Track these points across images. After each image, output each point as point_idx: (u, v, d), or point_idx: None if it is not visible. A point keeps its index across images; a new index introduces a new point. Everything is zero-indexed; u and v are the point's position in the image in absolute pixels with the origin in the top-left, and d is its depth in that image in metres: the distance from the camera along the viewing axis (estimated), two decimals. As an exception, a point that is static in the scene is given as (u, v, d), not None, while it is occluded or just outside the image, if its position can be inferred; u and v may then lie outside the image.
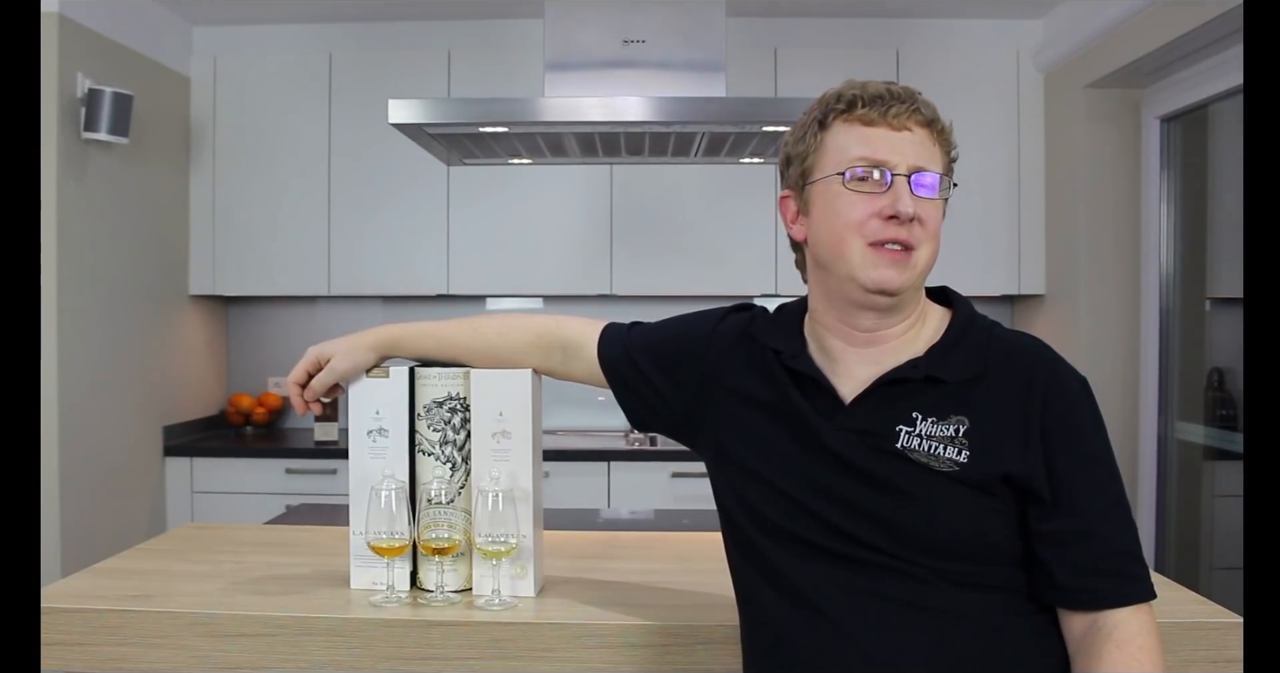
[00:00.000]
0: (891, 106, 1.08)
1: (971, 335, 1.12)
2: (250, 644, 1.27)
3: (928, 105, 1.10)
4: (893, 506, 1.04)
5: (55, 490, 2.89)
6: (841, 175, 1.08)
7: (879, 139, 1.07)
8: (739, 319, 1.25)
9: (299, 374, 1.39)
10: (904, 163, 1.07)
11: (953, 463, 1.04)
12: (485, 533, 1.30)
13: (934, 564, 1.03)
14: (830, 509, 1.07)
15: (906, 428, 1.06)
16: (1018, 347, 1.12)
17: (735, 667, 1.21)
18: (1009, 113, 3.57)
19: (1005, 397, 1.06)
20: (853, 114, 1.09)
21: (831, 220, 1.09)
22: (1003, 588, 1.04)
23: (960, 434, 1.05)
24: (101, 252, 3.16)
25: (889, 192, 1.06)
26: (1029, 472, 1.03)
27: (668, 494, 3.35)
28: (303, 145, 3.62)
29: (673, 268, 3.60)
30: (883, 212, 1.06)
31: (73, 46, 2.96)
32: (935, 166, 1.08)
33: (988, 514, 1.04)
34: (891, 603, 1.03)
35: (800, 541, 1.08)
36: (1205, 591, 1.54)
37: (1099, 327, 3.32)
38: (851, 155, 1.08)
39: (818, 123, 1.12)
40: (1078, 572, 1.02)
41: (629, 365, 1.29)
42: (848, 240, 1.08)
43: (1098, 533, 1.03)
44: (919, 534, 1.03)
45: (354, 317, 3.88)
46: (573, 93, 2.30)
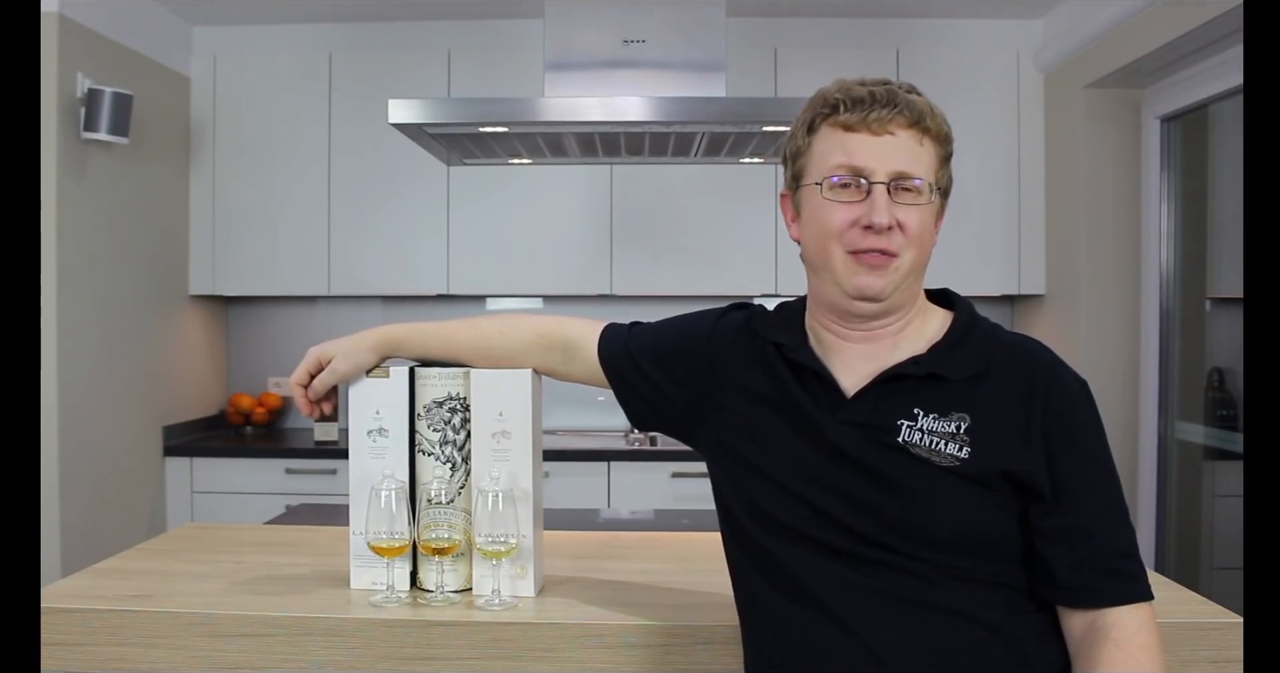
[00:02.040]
0: (872, 111, 1.07)
1: (974, 335, 1.13)
2: (250, 644, 1.27)
3: (913, 104, 1.08)
4: (894, 500, 1.05)
5: (55, 490, 2.89)
6: (821, 184, 1.09)
7: (858, 145, 1.08)
8: (738, 316, 1.26)
9: (301, 376, 1.39)
10: (883, 169, 1.07)
11: (954, 458, 1.04)
12: (485, 533, 1.30)
13: (935, 559, 1.03)
14: (831, 503, 1.07)
15: (908, 422, 1.07)
16: (1019, 348, 1.12)
17: (735, 667, 1.21)
18: (1009, 113, 3.57)
19: (1007, 395, 1.07)
20: (836, 118, 1.09)
21: (815, 227, 1.11)
22: (1004, 585, 1.05)
23: (961, 430, 1.05)
24: (101, 251, 3.16)
25: (867, 200, 1.07)
26: (1030, 469, 1.04)
27: (668, 494, 3.35)
28: (303, 145, 3.62)
29: (673, 268, 3.60)
30: (860, 221, 1.07)
31: (73, 46, 2.96)
32: (919, 170, 1.08)
33: (989, 509, 1.04)
34: (893, 600, 1.03)
35: (802, 536, 1.09)
36: (1205, 591, 1.54)
37: (1099, 327, 3.32)
38: (832, 163, 1.09)
39: (807, 126, 1.13)
40: (1076, 568, 1.02)
41: (630, 364, 1.29)
42: (830, 248, 1.09)
43: (1097, 531, 1.04)
44: (920, 528, 1.04)
45: (354, 317, 3.88)
46: (573, 93, 2.30)
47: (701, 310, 1.31)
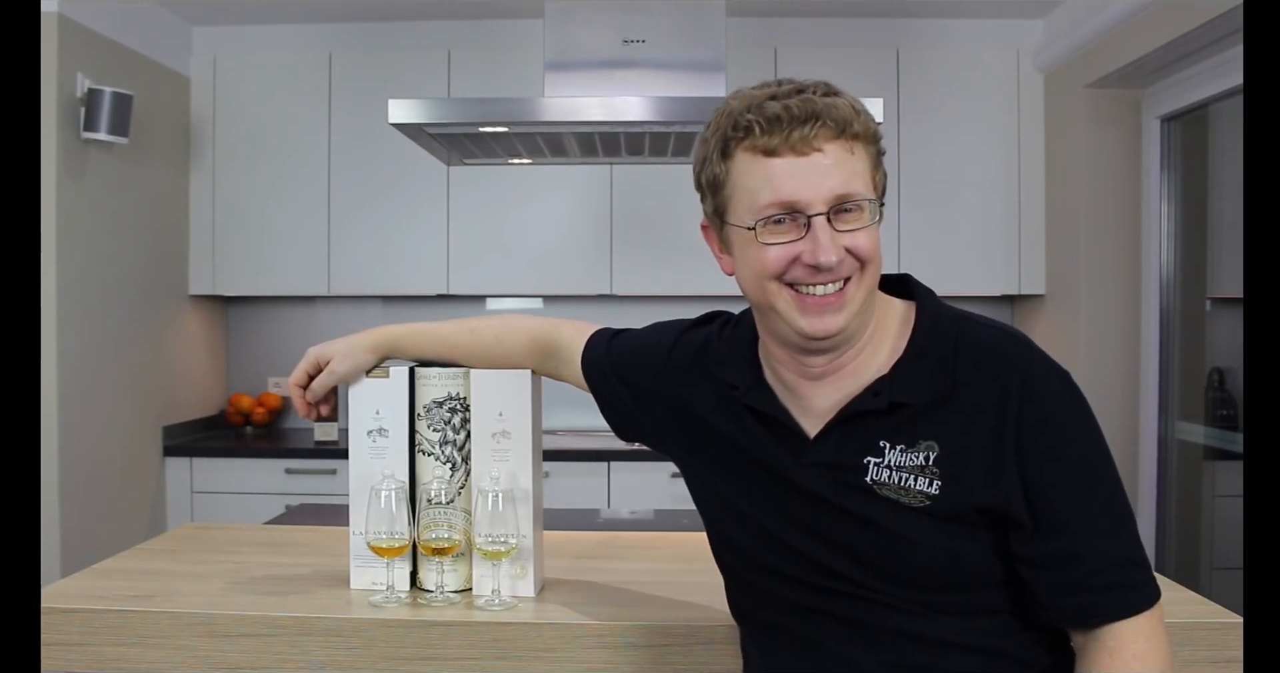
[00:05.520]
0: (793, 130, 0.95)
1: (936, 342, 1.03)
2: (250, 644, 1.27)
3: (835, 110, 0.96)
4: (868, 540, 1.01)
5: (55, 490, 2.89)
6: (753, 229, 0.98)
7: (785, 175, 0.96)
8: (696, 337, 1.19)
9: (299, 376, 1.40)
10: (819, 198, 0.95)
11: (924, 496, 0.98)
12: (485, 533, 1.30)
13: (916, 597, 1.00)
14: (808, 543, 1.04)
15: (875, 459, 1.00)
16: (989, 351, 1.02)
17: (735, 667, 1.21)
18: (1009, 113, 3.57)
19: (976, 413, 0.99)
20: (753, 141, 0.97)
21: (752, 268, 1.00)
22: (990, 611, 1.01)
23: (930, 462, 0.99)
24: (101, 251, 3.16)
25: (808, 236, 0.96)
26: (1004, 499, 0.97)
27: (668, 494, 3.34)
28: (302, 145, 3.62)
29: (673, 268, 3.59)
30: (803, 259, 0.96)
31: (73, 46, 2.96)
32: (858, 186, 0.97)
33: (965, 542, 0.99)
34: (881, 631, 1.01)
35: (781, 574, 1.06)
36: (1205, 591, 1.54)
37: (1099, 327, 3.32)
38: (760, 202, 0.97)
39: (720, 150, 1.01)
40: (1066, 591, 0.97)
41: (603, 379, 1.27)
42: (771, 291, 1.00)
43: (1084, 550, 0.97)
44: (896, 568, 1.00)
45: (354, 317, 3.88)
46: (573, 93, 2.30)
47: (671, 322, 1.25)
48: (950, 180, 3.50)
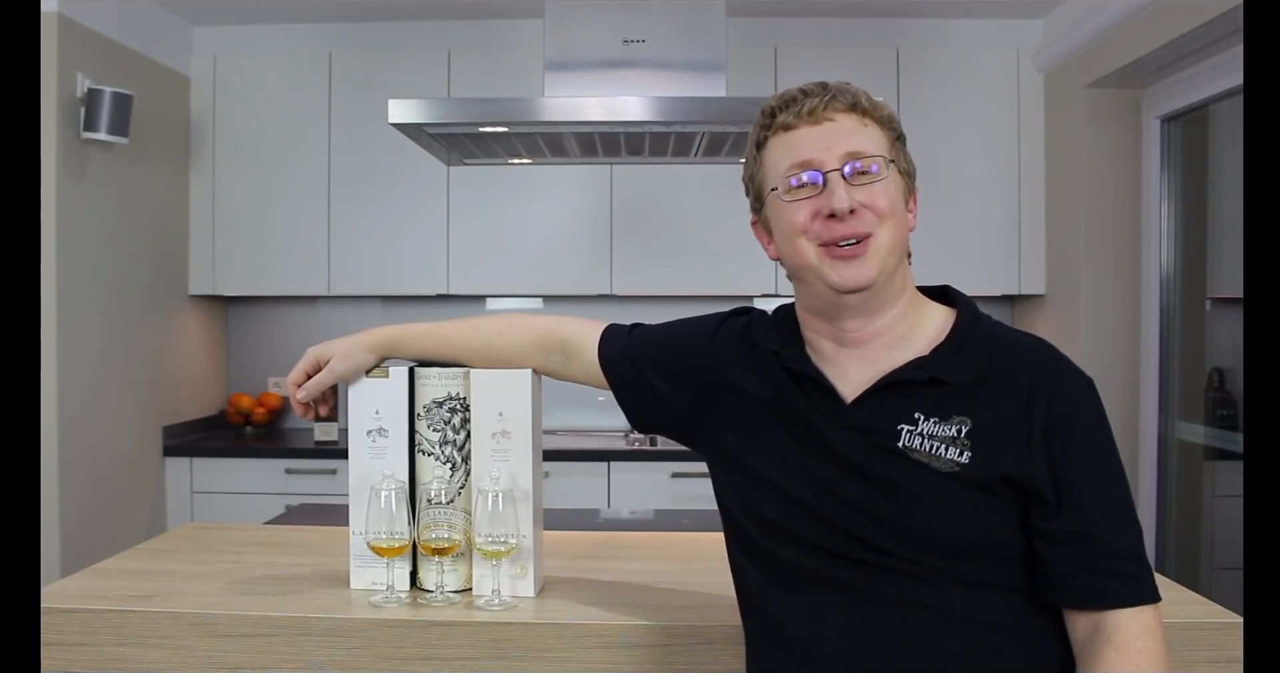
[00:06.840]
0: (805, 103, 1.08)
1: (976, 336, 1.11)
2: (250, 644, 1.27)
3: (846, 90, 1.09)
4: (894, 504, 1.04)
5: (55, 491, 2.89)
6: (778, 189, 1.10)
7: (801, 140, 1.08)
8: (737, 323, 1.25)
9: (298, 376, 1.39)
10: (831, 156, 1.06)
11: (954, 463, 1.03)
12: (485, 533, 1.30)
13: (937, 564, 1.03)
14: (833, 509, 1.07)
15: (909, 427, 1.06)
16: (1023, 348, 1.11)
17: (736, 667, 1.21)
18: (1009, 113, 3.57)
19: (1009, 399, 1.05)
20: (776, 122, 1.10)
21: (784, 232, 1.11)
22: (1007, 588, 1.04)
23: (962, 435, 1.04)
24: (101, 251, 3.16)
25: (825, 190, 1.06)
26: (1031, 473, 1.03)
27: (668, 494, 3.35)
28: (302, 145, 3.62)
29: (673, 268, 3.60)
30: (821, 211, 1.06)
31: (73, 46, 2.96)
32: (869, 147, 1.07)
33: (990, 513, 1.03)
34: (897, 604, 1.03)
35: (805, 541, 1.08)
36: (1205, 591, 1.54)
37: (1099, 327, 3.32)
38: (783, 168, 1.09)
39: (756, 146, 1.14)
40: (1078, 570, 1.01)
41: (629, 367, 1.29)
42: (801, 247, 1.09)
43: (1100, 534, 1.02)
44: (920, 533, 1.03)
45: (354, 317, 3.88)
46: (573, 93, 2.30)
47: (702, 316, 1.30)
48: (950, 180, 3.50)
